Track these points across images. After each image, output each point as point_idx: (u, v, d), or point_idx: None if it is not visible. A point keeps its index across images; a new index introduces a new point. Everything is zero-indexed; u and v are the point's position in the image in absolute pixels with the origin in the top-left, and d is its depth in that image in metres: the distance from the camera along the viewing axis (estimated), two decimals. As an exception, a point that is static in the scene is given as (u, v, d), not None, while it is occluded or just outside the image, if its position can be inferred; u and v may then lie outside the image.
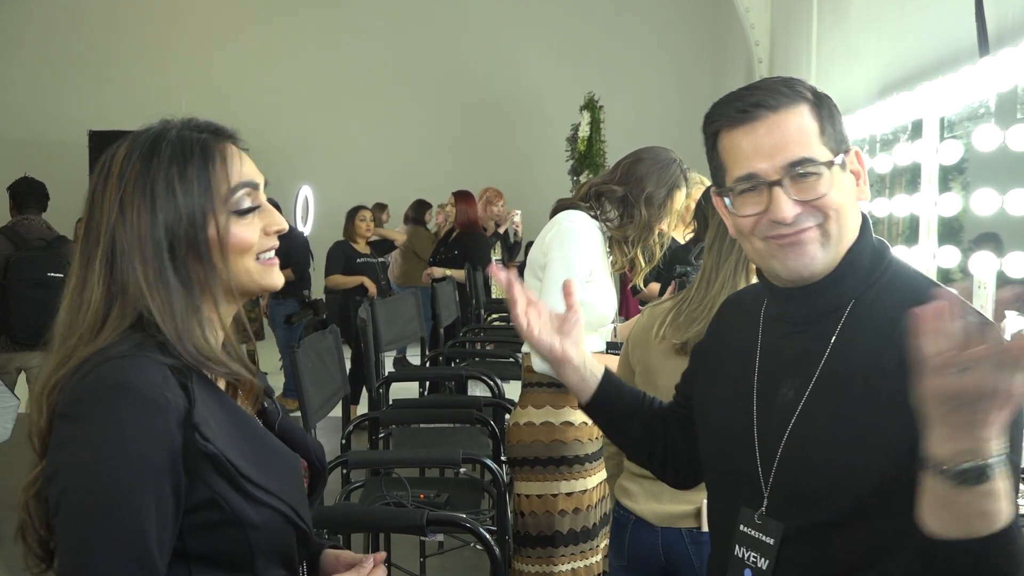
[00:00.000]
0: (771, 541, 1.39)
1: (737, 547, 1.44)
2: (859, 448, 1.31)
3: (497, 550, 2.43)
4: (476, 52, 12.27)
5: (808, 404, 1.39)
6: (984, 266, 3.53)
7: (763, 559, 1.40)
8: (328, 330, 3.59)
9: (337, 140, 12.15)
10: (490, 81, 12.33)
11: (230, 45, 12.50)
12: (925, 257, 4.43)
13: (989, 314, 3.63)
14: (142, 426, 1.20)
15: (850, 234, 1.40)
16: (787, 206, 1.35)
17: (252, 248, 1.37)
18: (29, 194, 5.44)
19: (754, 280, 2.00)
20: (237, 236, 1.35)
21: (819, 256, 1.38)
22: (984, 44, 4.06)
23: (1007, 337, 1.00)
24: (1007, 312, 3.58)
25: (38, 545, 1.30)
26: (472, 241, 7.59)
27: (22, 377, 5.37)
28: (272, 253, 1.41)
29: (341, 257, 7.43)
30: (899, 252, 4.71)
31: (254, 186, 1.38)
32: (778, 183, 1.36)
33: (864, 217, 1.44)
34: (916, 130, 4.65)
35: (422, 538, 3.71)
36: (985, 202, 3.62)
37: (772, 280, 1.46)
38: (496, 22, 12.34)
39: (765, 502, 1.41)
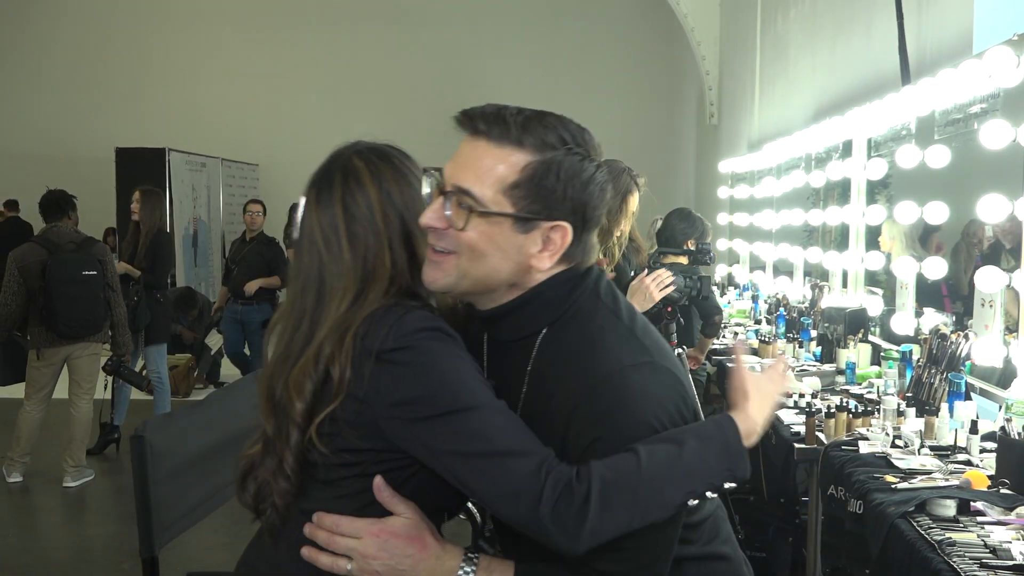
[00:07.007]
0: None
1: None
2: None
3: (479, 517, 2.46)
4: (460, 78, 12.72)
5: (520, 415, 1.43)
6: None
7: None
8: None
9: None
10: (466, 101, 12.48)
11: (244, 67, 12.92)
12: (854, 261, 4.59)
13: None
14: (462, 353, 1.38)
15: (491, 277, 1.38)
16: (431, 214, 1.38)
17: None
18: (52, 204, 5.68)
19: None
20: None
21: (444, 280, 1.38)
22: (906, 74, 4.21)
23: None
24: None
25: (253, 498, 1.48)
26: None
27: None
28: None
29: None
30: (831, 256, 4.87)
31: None
32: (445, 193, 1.37)
33: (569, 271, 1.42)
34: (846, 149, 4.83)
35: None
36: (906, 213, 3.77)
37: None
38: (477, 49, 12.93)
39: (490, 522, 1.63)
